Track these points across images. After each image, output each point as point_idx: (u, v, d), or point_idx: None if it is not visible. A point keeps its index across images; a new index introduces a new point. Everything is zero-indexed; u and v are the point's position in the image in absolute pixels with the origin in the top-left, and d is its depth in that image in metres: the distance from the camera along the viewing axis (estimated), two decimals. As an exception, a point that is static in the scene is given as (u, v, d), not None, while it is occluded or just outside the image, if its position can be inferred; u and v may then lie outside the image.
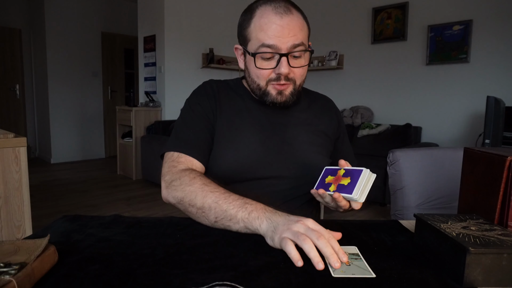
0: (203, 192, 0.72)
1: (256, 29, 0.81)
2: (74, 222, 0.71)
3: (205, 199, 0.71)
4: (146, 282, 0.48)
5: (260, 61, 0.82)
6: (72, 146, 5.38)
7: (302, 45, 0.81)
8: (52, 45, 5.02)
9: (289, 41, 0.79)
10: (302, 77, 0.86)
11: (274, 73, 0.82)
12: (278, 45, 0.79)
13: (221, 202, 0.69)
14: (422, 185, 1.46)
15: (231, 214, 0.67)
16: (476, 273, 0.49)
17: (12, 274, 0.42)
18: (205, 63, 4.48)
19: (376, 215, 3.10)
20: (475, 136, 3.35)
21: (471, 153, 0.71)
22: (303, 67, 0.84)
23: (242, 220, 0.66)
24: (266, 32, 0.79)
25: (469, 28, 3.35)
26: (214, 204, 0.70)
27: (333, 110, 1.02)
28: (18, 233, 1.44)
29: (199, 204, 0.72)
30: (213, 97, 0.91)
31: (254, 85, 0.86)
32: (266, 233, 0.63)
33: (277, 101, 0.85)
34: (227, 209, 0.68)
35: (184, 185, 0.76)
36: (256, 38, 0.81)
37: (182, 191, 0.75)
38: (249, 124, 0.89)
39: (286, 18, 0.79)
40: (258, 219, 0.64)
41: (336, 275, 0.51)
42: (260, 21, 0.80)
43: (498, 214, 0.63)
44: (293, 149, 0.89)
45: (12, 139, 1.41)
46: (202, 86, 0.94)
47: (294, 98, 0.87)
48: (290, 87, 0.85)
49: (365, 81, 4.22)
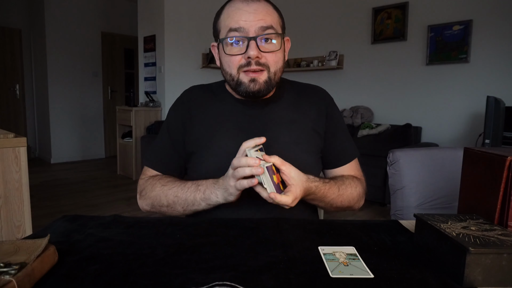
0: (164, 192, 0.84)
1: (224, 18, 0.82)
2: (74, 222, 0.70)
3: (168, 197, 0.83)
4: (146, 282, 0.48)
5: (229, 48, 0.81)
6: (72, 146, 5.38)
7: (271, 28, 0.80)
8: (52, 45, 5.02)
9: (257, 24, 0.78)
10: (277, 64, 0.83)
11: (244, 59, 0.80)
12: (245, 28, 0.78)
13: (180, 194, 0.82)
14: (422, 185, 1.46)
15: (191, 199, 0.80)
16: (476, 273, 0.49)
17: (12, 274, 0.42)
18: (205, 63, 4.48)
19: (376, 215, 3.10)
20: (475, 136, 3.35)
21: (471, 153, 0.71)
22: (275, 52, 0.81)
23: (201, 200, 0.79)
24: (233, 18, 0.80)
25: (469, 28, 3.35)
26: (176, 198, 0.82)
27: (323, 102, 0.95)
28: (18, 233, 1.44)
29: (165, 203, 0.84)
30: (187, 108, 0.92)
31: (227, 76, 0.85)
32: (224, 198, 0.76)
33: (251, 90, 0.81)
34: (187, 197, 0.80)
35: (149, 192, 0.87)
36: (224, 26, 0.82)
37: (149, 198, 0.87)
38: (227, 129, 0.88)
39: (253, 5, 0.80)
40: (213, 194, 0.77)
41: (334, 275, 0.51)
42: (228, 10, 0.82)
43: (498, 214, 0.63)
44: (274, 151, 0.85)
45: (12, 139, 1.41)
46: (180, 96, 0.97)
47: (270, 88, 0.84)
48: (264, 74, 0.81)
49: (365, 81, 4.22)
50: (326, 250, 0.59)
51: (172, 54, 4.28)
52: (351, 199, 0.89)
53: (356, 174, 0.96)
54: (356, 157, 0.98)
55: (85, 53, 5.39)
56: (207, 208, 0.79)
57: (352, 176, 0.94)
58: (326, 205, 0.87)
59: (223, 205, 0.80)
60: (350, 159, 0.96)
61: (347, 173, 0.95)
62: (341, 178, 0.91)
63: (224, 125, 0.89)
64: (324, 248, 0.60)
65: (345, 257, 0.57)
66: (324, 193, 0.81)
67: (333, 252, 0.58)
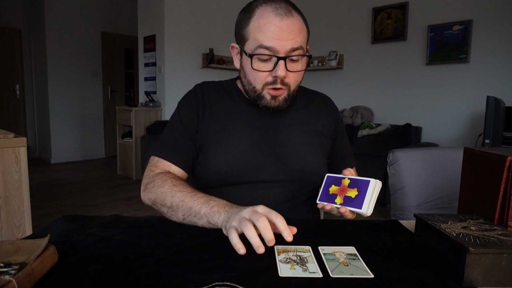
0: (172, 192, 0.77)
1: (254, 29, 0.79)
2: (74, 222, 0.70)
3: (173, 198, 0.75)
4: (146, 282, 0.48)
5: (257, 63, 0.80)
6: (72, 146, 5.38)
7: (300, 49, 0.79)
8: (52, 45, 5.01)
9: (288, 44, 0.77)
10: (297, 82, 0.85)
11: (270, 76, 0.80)
12: (276, 48, 0.77)
13: (187, 200, 0.73)
14: (422, 185, 1.46)
15: (196, 210, 0.71)
16: (476, 273, 0.49)
17: (12, 274, 0.42)
18: (205, 63, 4.48)
19: (376, 215, 3.10)
20: (475, 136, 3.35)
21: (471, 153, 0.71)
22: (299, 72, 0.83)
23: (205, 215, 0.69)
24: (265, 33, 0.77)
25: (469, 28, 3.35)
26: (181, 203, 0.74)
27: (331, 109, 1.00)
28: (18, 233, 1.44)
29: (168, 204, 0.76)
30: (201, 101, 0.91)
31: (250, 86, 0.85)
32: (222, 225, 0.66)
33: (271, 106, 0.84)
34: (192, 206, 0.72)
35: (156, 187, 0.81)
36: (254, 39, 0.79)
37: (155, 192, 0.80)
38: (240, 126, 0.88)
39: (286, 20, 0.77)
40: (218, 213, 0.68)
41: (334, 275, 0.51)
42: (259, 21, 0.78)
43: (498, 214, 0.63)
44: (285, 151, 0.88)
45: (12, 139, 1.41)
46: (192, 89, 0.94)
47: (288, 104, 0.85)
48: (284, 93, 0.83)
49: (365, 81, 4.22)
50: (326, 250, 0.59)
51: (172, 54, 4.27)
52: None
53: None
54: (354, 166, 1.03)
55: (85, 53, 5.39)
56: (206, 226, 0.70)
57: None
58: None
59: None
60: (352, 166, 1.01)
61: None
62: None
63: (236, 123, 0.89)
64: (324, 248, 0.60)
65: (345, 257, 0.57)
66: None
67: (333, 252, 0.58)
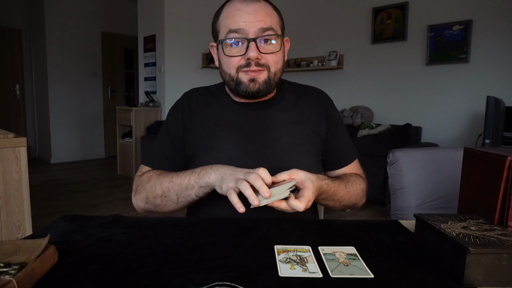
0: (159, 181, 0.81)
1: (224, 18, 0.81)
2: (74, 222, 0.70)
3: (162, 184, 0.80)
4: (146, 282, 0.48)
5: (229, 49, 0.81)
6: (72, 146, 5.37)
7: (271, 29, 0.80)
8: (52, 45, 5.01)
9: (257, 25, 0.78)
10: (277, 64, 0.83)
11: (243, 60, 0.80)
12: (245, 29, 0.78)
13: (175, 179, 0.78)
14: (422, 185, 1.46)
15: (186, 183, 0.75)
16: (476, 273, 0.49)
17: (12, 274, 0.42)
18: (205, 63, 4.48)
19: (376, 215, 3.10)
20: (475, 136, 3.35)
21: (471, 153, 0.71)
22: (275, 53, 0.81)
23: (195, 182, 0.73)
24: (233, 18, 0.79)
25: (469, 28, 3.35)
26: (170, 184, 0.78)
27: (322, 104, 0.95)
28: (18, 233, 1.44)
29: (160, 192, 0.80)
30: (187, 111, 0.92)
31: (227, 76, 0.84)
32: (215, 183, 0.70)
33: (250, 90, 0.81)
34: (181, 181, 0.76)
35: (144, 184, 0.85)
36: (224, 27, 0.81)
37: (144, 190, 0.84)
38: (228, 132, 0.88)
39: (253, 5, 0.79)
40: (207, 173, 0.72)
41: (334, 275, 0.51)
42: (227, 11, 0.81)
43: (498, 214, 0.63)
44: (275, 152, 0.86)
45: (12, 139, 1.41)
46: (180, 99, 0.96)
47: (270, 89, 0.83)
48: (264, 74, 0.81)
49: (365, 81, 4.22)
50: (326, 250, 0.59)
51: (172, 54, 4.27)
52: (357, 195, 0.90)
53: (358, 172, 0.98)
54: (356, 158, 0.99)
55: (85, 53, 5.39)
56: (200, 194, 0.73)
57: (354, 173, 0.96)
58: (335, 203, 0.86)
59: (223, 205, 0.75)
60: (351, 160, 0.98)
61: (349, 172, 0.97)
62: (345, 175, 0.92)
63: (225, 128, 0.88)
64: (324, 248, 0.60)
65: (345, 257, 0.57)
66: (334, 190, 0.81)
67: (333, 252, 0.58)
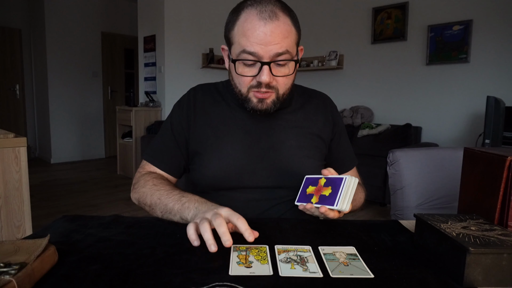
0: (151, 191, 0.82)
1: (239, 33, 0.77)
2: (74, 222, 0.70)
3: (152, 197, 0.80)
4: (146, 282, 0.48)
5: (241, 67, 0.78)
6: (72, 146, 5.37)
7: (286, 53, 0.76)
8: (52, 45, 5.01)
9: (273, 49, 0.74)
10: (287, 85, 0.82)
11: (255, 80, 0.78)
12: (260, 53, 0.75)
13: (163, 198, 0.77)
14: (422, 185, 1.46)
15: (170, 207, 0.74)
16: (476, 273, 0.49)
17: (12, 274, 0.42)
18: (205, 63, 4.48)
19: (376, 215, 3.10)
20: (475, 136, 3.35)
21: (471, 153, 0.71)
22: (287, 76, 0.80)
23: (178, 211, 0.72)
24: (249, 39, 0.75)
25: (469, 28, 3.35)
26: (158, 201, 0.78)
27: (329, 109, 0.97)
28: (18, 233, 1.44)
29: (148, 203, 0.81)
30: (192, 108, 0.91)
31: (236, 90, 0.84)
32: (190, 220, 0.68)
33: (258, 109, 0.81)
34: (167, 203, 0.75)
35: (140, 187, 0.86)
36: (238, 43, 0.77)
37: (138, 192, 0.86)
38: (234, 132, 0.88)
39: (271, 25, 0.74)
40: (188, 209, 0.71)
41: (334, 275, 0.51)
42: (243, 25, 0.76)
43: (498, 214, 0.63)
44: (279, 155, 0.87)
45: (12, 139, 1.41)
46: (186, 94, 0.95)
47: (277, 106, 0.83)
48: (272, 96, 0.81)
49: (365, 81, 4.22)
50: (326, 250, 0.59)
51: (172, 54, 4.27)
52: (362, 200, 0.93)
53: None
54: (356, 165, 1.02)
55: (85, 53, 5.39)
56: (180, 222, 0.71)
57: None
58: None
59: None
60: (351, 166, 1.01)
61: None
62: None
63: (230, 128, 0.88)
64: (324, 248, 0.60)
65: (345, 257, 0.57)
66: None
67: (333, 252, 0.58)
